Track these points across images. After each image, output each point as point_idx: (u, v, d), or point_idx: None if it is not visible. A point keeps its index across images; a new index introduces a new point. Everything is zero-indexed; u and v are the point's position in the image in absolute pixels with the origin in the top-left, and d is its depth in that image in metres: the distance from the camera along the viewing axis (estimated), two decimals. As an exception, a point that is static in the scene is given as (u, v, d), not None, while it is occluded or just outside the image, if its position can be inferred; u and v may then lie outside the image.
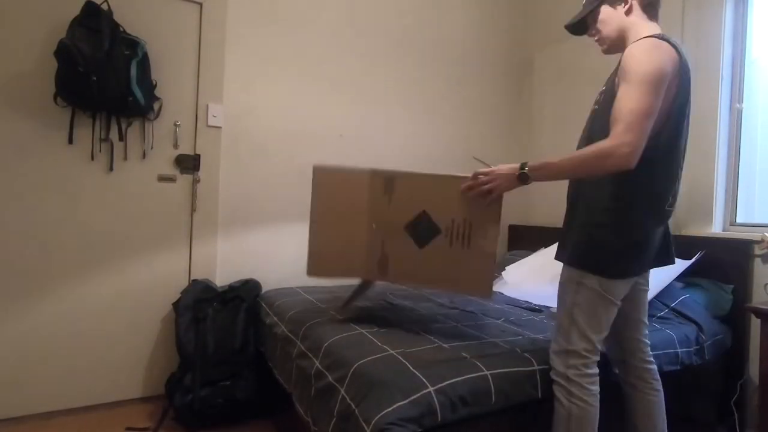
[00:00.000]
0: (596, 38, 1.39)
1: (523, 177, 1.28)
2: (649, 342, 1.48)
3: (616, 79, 1.23)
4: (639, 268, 1.34)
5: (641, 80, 1.13)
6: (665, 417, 1.45)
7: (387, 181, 1.58)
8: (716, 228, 2.23)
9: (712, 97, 2.23)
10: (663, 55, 1.15)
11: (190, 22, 2.27)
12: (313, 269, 1.64)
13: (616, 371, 1.50)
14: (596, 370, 1.31)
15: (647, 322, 1.49)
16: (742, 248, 2.05)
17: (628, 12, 1.29)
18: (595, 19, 1.36)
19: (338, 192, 1.64)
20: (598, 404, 1.29)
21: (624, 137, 1.12)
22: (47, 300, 2.01)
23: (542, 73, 3.19)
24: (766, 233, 1.99)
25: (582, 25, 1.42)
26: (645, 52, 1.16)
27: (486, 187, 1.36)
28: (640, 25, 1.28)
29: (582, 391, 1.27)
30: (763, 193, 2.18)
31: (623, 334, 1.46)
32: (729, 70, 2.22)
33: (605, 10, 1.33)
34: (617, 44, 1.33)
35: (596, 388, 1.30)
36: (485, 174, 1.36)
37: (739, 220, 2.23)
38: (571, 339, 1.30)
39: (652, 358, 1.47)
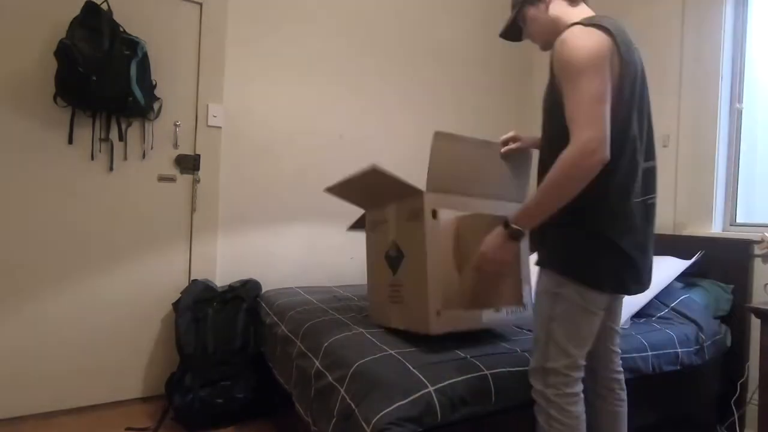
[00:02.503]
0: (531, 39, 1.37)
1: (516, 234, 1.17)
2: (620, 351, 1.39)
3: (554, 76, 1.18)
4: (633, 283, 1.18)
5: (579, 69, 1.07)
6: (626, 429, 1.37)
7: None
8: (716, 228, 2.23)
9: (712, 97, 2.23)
10: (593, 38, 1.08)
11: (190, 22, 2.27)
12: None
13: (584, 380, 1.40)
14: (578, 389, 1.20)
15: (620, 330, 1.40)
16: (742, 248, 2.05)
17: (548, 6, 1.26)
18: (524, 22, 1.34)
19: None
20: (582, 426, 1.19)
21: (583, 134, 1.04)
22: (47, 300, 2.01)
23: (543, 74, 3.19)
24: (766, 233, 1.99)
25: (515, 32, 1.39)
26: (574, 40, 1.09)
27: (490, 269, 1.26)
28: (565, 15, 1.23)
29: (562, 413, 1.17)
30: (763, 193, 2.18)
31: (596, 344, 1.33)
32: (729, 70, 2.23)
33: (530, 12, 1.30)
34: (550, 40, 1.25)
35: (578, 408, 1.19)
36: (480, 260, 1.24)
37: (739, 220, 2.23)
38: (548, 355, 1.19)
39: (620, 368, 1.39)
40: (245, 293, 2.19)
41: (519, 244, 1.22)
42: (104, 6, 2.01)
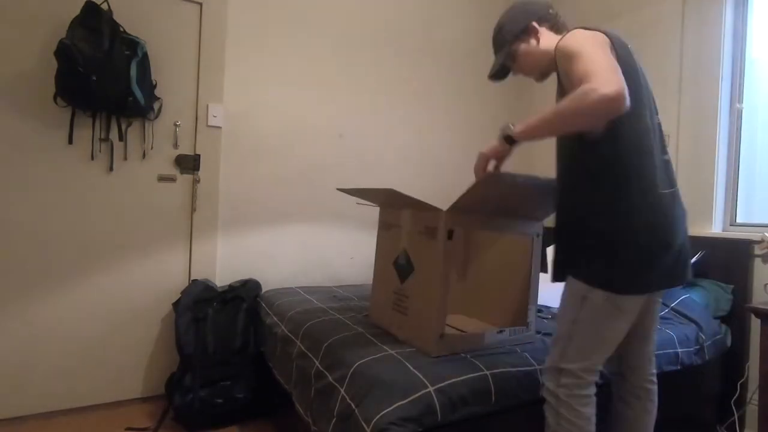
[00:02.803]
0: (524, 74, 1.38)
1: (508, 138, 1.16)
2: (653, 359, 1.35)
3: (562, 78, 1.16)
4: (659, 280, 1.15)
5: (585, 47, 1.06)
6: None
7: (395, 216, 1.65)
8: (716, 228, 2.23)
9: (712, 97, 2.23)
10: (593, 32, 1.11)
11: (190, 22, 2.27)
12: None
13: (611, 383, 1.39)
14: (592, 391, 1.19)
15: (655, 338, 1.35)
16: (742, 248, 2.05)
17: (539, 40, 1.29)
18: (513, 61, 1.35)
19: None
20: (591, 428, 1.17)
21: (600, 79, 0.97)
22: (47, 300, 2.01)
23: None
24: (766, 233, 1.99)
25: (504, 71, 1.40)
26: (576, 34, 1.12)
27: (480, 163, 1.24)
28: (554, 41, 1.23)
29: (572, 413, 1.15)
30: (763, 193, 2.18)
31: (626, 348, 1.31)
32: (729, 70, 2.23)
33: (521, 48, 1.31)
34: (547, 69, 1.32)
35: (590, 410, 1.17)
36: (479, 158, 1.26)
37: (739, 220, 2.23)
38: (566, 356, 1.18)
39: (654, 378, 1.34)
40: (245, 293, 2.19)
41: (509, 149, 1.20)
42: (104, 6, 2.01)
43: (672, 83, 2.39)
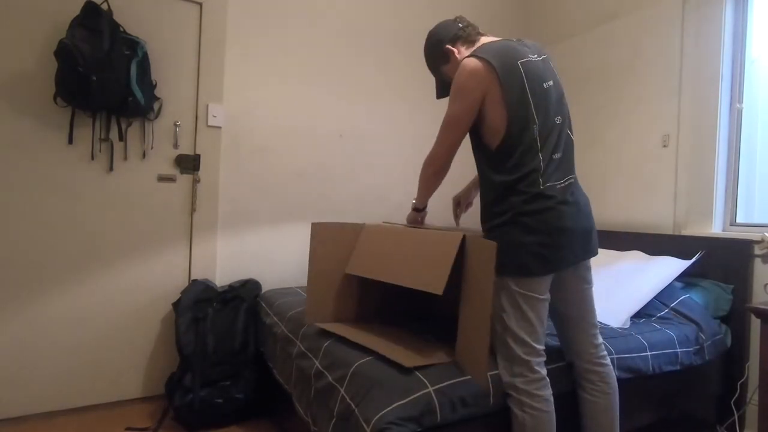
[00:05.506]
0: None
1: (414, 207, 1.63)
2: (598, 343, 1.43)
3: None
4: (553, 263, 1.29)
5: (451, 96, 1.36)
6: (615, 422, 1.41)
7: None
8: (716, 228, 2.23)
9: (712, 97, 2.23)
10: (462, 75, 1.32)
11: (190, 22, 2.27)
12: (311, 317, 1.66)
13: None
14: (543, 373, 1.28)
15: (594, 322, 1.43)
16: (742, 248, 2.05)
17: (457, 56, 1.47)
18: (449, 77, 1.50)
19: (333, 244, 1.69)
20: (551, 408, 1.27)
21: (434, 148, 1.44)
22: (47, 300, 2.01)
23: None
24: (766, 233, 1.99)
25: (447, 89, 1.52)
26: (457, 74, 1.34)
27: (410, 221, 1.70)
28: (464, 56, 1.41)
29: (532, 399, 1.25)
30: (763, 193, 2.18)
31: (566, 335, 1.45)
32: (729, 70, 2.22)
33: (447, 69, 1.51)
34: None
35: (546, 392, 1.27)
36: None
37: (739, 220, 2.23)
38: (508, 345, 1.29)
39: (603, 360, 1.43)
40: (245, 293, 2.19)
41: (416, 215, 1.64)
42: (104, 6, 2.01)
43: (672, 83, 2.39)
